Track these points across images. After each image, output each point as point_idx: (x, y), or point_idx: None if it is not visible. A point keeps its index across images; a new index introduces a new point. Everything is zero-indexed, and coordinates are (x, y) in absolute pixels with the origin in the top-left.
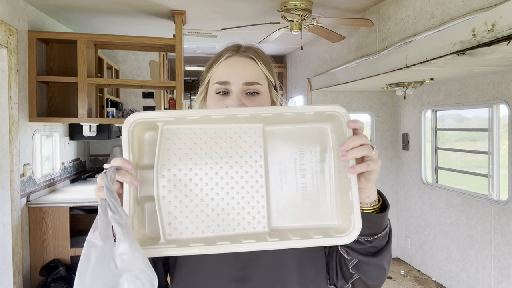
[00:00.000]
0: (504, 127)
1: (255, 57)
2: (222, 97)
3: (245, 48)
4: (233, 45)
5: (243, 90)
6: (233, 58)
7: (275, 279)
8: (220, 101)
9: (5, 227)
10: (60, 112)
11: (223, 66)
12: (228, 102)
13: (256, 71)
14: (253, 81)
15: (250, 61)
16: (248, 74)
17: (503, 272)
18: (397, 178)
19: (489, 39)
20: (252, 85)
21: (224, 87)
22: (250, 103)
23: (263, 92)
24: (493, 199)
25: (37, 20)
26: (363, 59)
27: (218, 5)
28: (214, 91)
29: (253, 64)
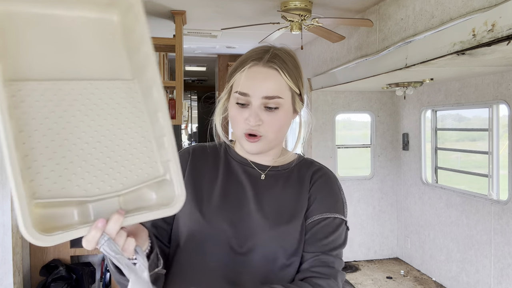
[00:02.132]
0: (504, 127)
1: (279, 68)
2: (241, 108)
3: (271, 56)
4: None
5: (262, 103)
6: (256, 69)
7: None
8: (239, 113)
9: (5, 227)
10: None
11: (245, 76)
12: (245, 115)
13: (278, 83)
14: (273, 95)
15: (273, 72)
16: (269, 88)
17: (503, 272)
18: (397, 178)
19: (489, 39)
20: (272, 99)
21: (244, 99)
22: (268, 118)
23: (284, 105)
24: (493, 199)
25: None
26: (363, 59)
27: (218, 5)
28: (235, 99)
29: (276, 76)
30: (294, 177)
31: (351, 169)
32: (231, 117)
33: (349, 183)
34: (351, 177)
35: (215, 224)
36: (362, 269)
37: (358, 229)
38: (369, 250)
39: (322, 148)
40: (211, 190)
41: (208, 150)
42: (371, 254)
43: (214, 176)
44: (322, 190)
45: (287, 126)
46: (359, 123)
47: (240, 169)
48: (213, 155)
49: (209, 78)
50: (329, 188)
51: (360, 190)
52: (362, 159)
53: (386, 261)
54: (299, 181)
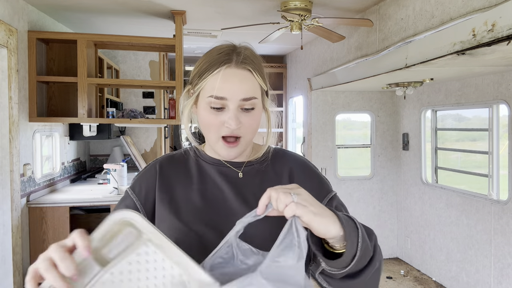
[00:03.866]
0: (504, 127)
1: (252, 69)
2: (217, 112)
3: (242, 58)
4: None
5: (240, 106)
6: (230, 71)
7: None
8: (216, 116)
9: (5, 227)
10: (60, 112)
11: (220, 79)
12: (224, 118)
13: (253, 84)
14: (250, 97)
15: (248, 74)
16: (245, 89)
17: (503, 272)
18: (397, 178)
19: (489, 39)
20: (249, 101)
21: (220, 102)
22: (246, 119)
23: (258, 105)
24: (493, 199)
25: (37, 20)
26: (363, 59)
27: (218, 5)
28: (208, 104)
29: (251, 78)
30: (270, 171)
31: (351, 169)
32: (205, 123)
33: (349, 183)
34: (351, 177)
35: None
36: None
37: None
38: None
39: (322, 148)
40: (187, 196)
41: (176, 159)
42: None
43: (188, 183)
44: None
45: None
46: (359, 123)
47: (214, 170)
48: (183, 162)
49: None
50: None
51: (360, 190)
52: (362, 159)
53: (386, 261)
54: (277, 176)
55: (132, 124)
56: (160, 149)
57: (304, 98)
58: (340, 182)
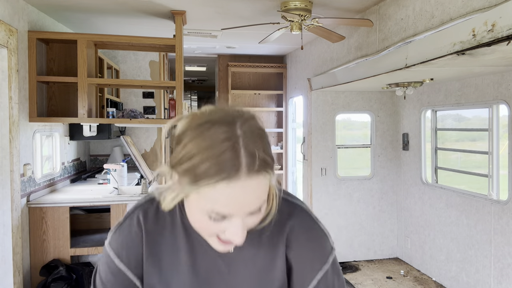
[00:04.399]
0: (504, 127)
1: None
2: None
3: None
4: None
5: (247, 215)
6: (240, 184)
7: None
8: (215, 225)
9: (5, 227)
10: (60, 112)
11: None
12: (226, 227)
13: (265, 189)
14: (261, 204)
15: (261, 179)
16: (256, 200)
17: (503, 272)
18: (397, 178)
19: (489, 39)
20: (258, 210)
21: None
22: (250, 221)
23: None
24: (493, 199)
25: (37, 20)
26: (363, 59)
27: (218, 5)
28: (206, 214)
29: (263, 182)
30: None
31: (351, 169)
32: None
33: (349, 183)
34: (351, 177)
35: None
36: (362, 269)
37: (358, 229)
38: (369, 250)
39: (322, 148)
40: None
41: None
42: (371, 254)
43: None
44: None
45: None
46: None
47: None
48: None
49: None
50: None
51: (360, 190)
52: (362, 159)
53: (386, 261)
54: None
55: (132, 124)
56: (160, 149)
57: (304, 98)
58: (340, 182)
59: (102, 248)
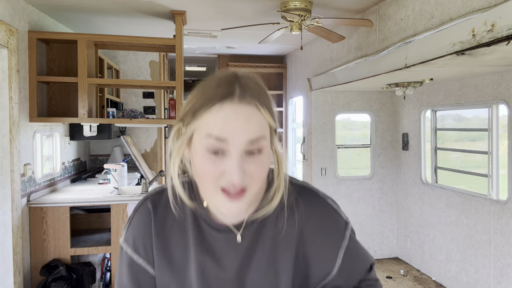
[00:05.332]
0: (504, 127)
1: (259, 104)
2: (215, 158)
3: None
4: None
5: (245, 150)
6: (232, 107)
7: None
8: (215, 164)
9: (6, 227)
10: (61, 112)
11: (222, 118)
12: (225, 166)
13: (260, 123)
14: (258, 136)
15: (254, 110)
16: (253, 129)
17: (503, 272)
18: (397, 178)
19: (489, 39)
20: (256, 143)
21: (220, 146)
22: (253, 167)
23: (266, 147)
24: (492, 199)
25: (38, 20)
26: (363, 59)
27: (218, 5)
28: (205, 147)
29: (257, 115)
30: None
31: (351, 169)
32: (200, 170)
33: (349, 183)
34: (351, 177)
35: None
36: None
37: (357, 229)
38: (369, 250)
39: (322, 148)
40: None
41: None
42: (371, 254)
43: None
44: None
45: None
46: (359, 123)
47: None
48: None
49: None
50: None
51: (360, 190)
52: (362, 159)
53: (386, 260)
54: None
55: (132, 124)
56: (160, 149)
57: (304, 98)
58: (340, 182)
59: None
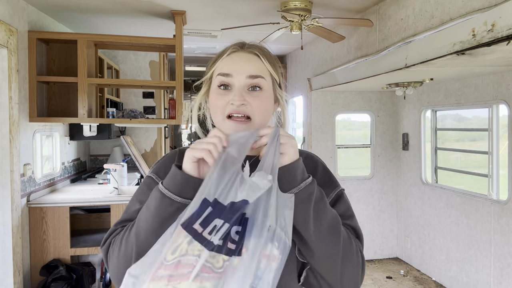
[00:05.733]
0: (504, 127)
1: (260, 54)
2: (224, 91)
3: (250, 45)
4: (237, 42)
5: (246, 85)
6: (237, 53)
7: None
8: (222, 96)
9: (5, 227)
10: (60, 112)
11: (227, 60)
12: (230, 98)
13: (259, 66)
14: (256, 74)
15: (254, 57)
16: (252, 68)
17: (503, 272)
18: (397, 178)
19: (489, 39)
20: (255, 78)
21: (227, 80)
22: (253, 99)
23: (266, 88)
24: (492, 199)
25: (37, 20)
26: (363, 59)
27: (218, 5)
28: (216, 85)
29: (257, 60)
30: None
31: (351, 169)
32: (213, 103)
33: (349, 183)
34: (351, 177)
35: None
36: None
37: None
38: (369, 250)
39: (322, 148)
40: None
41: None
42: (371, 254)
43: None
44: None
45: (271, 112)
46: (359, 123)
47: None
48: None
49: None
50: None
51: (360, 190)
52: (362, 159)
53: (386, 261)
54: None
55: (132, 124)
56: (160, 149)
57: (304, 98)
58: (340, 182)
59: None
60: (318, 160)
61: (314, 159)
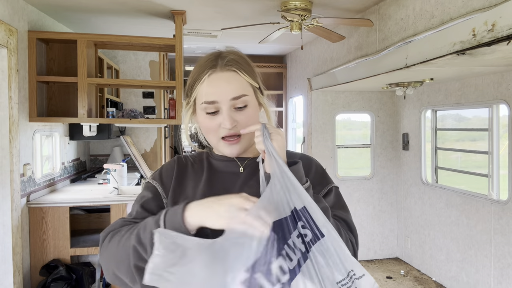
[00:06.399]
0: (504, 127)
1: (237, 69)
2: (212, 116)
3: (226, 61)
4: (211, 56)
5: (232, 105)
6: (215, 76)
7: None
8: (211, 121)
9: (5, 227)
10: (60, 112)
11: (207, 85)
12: (219, 120)
13: (240, 83)
14: (240, 94)
15: (233, 74)
16: (234, 89)
17: (503, 272)
18: (397, 178)
19: (489, 39)
20: (239, 99)
21: (213, 106)
22: (241, 117)
23: (251, 102)
24: (493, 199)
25: (37, 20)
26: (363, 59)
27: (218, 5)
28: (203, 110)
29: (237, 77)
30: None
31: (351, 169)
32: (204, 128)
33: (349, 183)
34: (351, 177)
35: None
36: None
37: (358, 229)
38: (369, 250)
39: (322, 148)
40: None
41: (190, 158)
42: (371, 254)
43: (199, 178)
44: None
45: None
46: (359, 123)
47: (222, 165)
48: (196, 161)
49: None
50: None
51: (360, 190)
52: (362, 159)
53: (386, 261)
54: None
55: (132, 124)
56: (160, 149)
57: (304, 98)
58: (340, 182)
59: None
60: (313, 160)
61: (309, 159)
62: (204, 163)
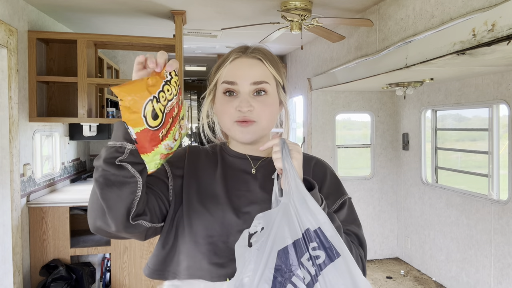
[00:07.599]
0: (504, 127)
1: (262, 58)
2: (230, 98)
3: (253, 49)
4: (240, 46)
5: (251, 91)
6: (240, 60)
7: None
8: (228, 103)
9: (5, 227)
10: (60, 112)
11: (230, 67)
12: (236, 104)
13: (263, 71)
14: (261, 80)
15: (257, 62)
16: (255, 74)
17: (503, 272)
18: (397, 178)
19: (489, 39)
20: (259, 84)
21: (232, 87)
22: (258, 104)
23: (271, 92)
24: (493, 199)
25: (37, 20)
26: (363, 59)
27: (218, 5)
28: (222, 91)
29: (260, 65)
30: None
31: (351, 169)
32: (219, 109)
33: (349, 183)
34: (351, 177)
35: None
36: None
37: None
38: (369, 250)
39: (322, 148)
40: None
41: (202, 150)
42: (371, 254)
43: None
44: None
45: (276, 115)
46: (359, 123)
47: (235, 162)
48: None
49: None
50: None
51: (360, 190)
52: (362, 159)
53: (386, 261)
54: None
55: None
56: None
57: (304, 98)
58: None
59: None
60: (328, 168)
61: (324, 167)
62: (217, 156)
